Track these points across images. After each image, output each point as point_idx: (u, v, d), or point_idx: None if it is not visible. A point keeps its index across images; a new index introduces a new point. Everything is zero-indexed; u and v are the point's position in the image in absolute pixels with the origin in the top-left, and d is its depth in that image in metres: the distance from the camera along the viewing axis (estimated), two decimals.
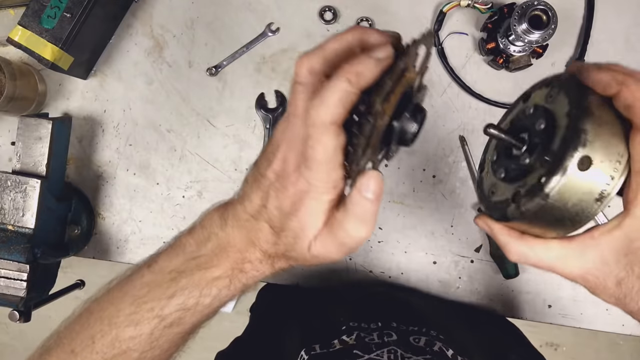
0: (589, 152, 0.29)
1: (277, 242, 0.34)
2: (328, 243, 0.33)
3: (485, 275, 0.71)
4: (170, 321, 0.37)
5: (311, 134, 0.29)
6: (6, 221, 0.61)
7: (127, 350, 0.37)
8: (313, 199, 0.31)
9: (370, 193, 0.30)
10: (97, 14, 0.66)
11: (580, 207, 0.31)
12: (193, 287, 0.36)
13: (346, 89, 0.27)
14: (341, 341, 0.51)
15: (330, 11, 0.70)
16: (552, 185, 0.30)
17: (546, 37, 0.61)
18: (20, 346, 1.78)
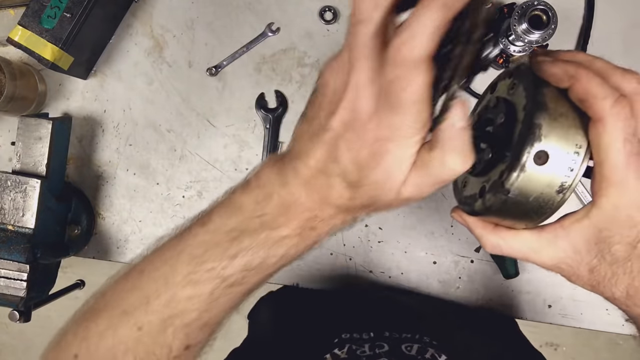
0: (544, 147, 0.30)
1: (354, 196, 0.32)
2: (423, 183, 0.31)
3: (485, 275, 0.71)
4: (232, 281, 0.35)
5: (402, 74, 0.26)
6: (6, 221, 0.61)
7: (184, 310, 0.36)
8: (400, 145, 0.29)
9: (463, 122, 0.29)
10: (97, 14, 0.66)
11: (543, 200, 0.31)
12: (258, 247, 0.34)
13: (443, 16, 0.25)
14: (333, 355, 0.50)
15: (330, 11, 0.70)
16: (511, 181, 0.31)
17: (546, 37, 0.61)
18: (20, 346, 1.78)
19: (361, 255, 0.72)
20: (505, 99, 0.35)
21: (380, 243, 0.72)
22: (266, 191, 0.34)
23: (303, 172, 0.32)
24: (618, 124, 0.28)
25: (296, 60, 0.72)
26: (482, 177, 0.35)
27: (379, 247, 0.72)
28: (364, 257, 0.72)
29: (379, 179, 0.30)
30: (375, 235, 0.72)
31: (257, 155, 0.72)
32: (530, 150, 0.30)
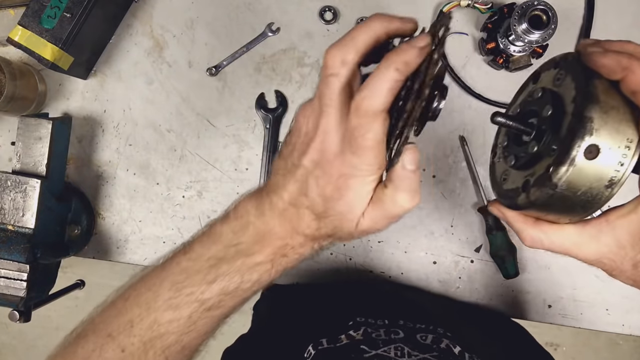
0: (595, 141, 0.29)
1: (319, 226, 0.36)
2: (377, 217, 0.34)
3: (485, 275, 0.71)
4: (210, 305, 0.38)
5: (362, 123, 0.30)
6: (6, 221, 0.61)
7: (165, 333, 0.38)
8: (360, 182, 0.33)
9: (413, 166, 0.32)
10: (97, 14, 0.66)
11: (590, 194, 0.31)
12: (234, 272, 0.37)
13: (396, 78, 0.30)
14: (348, 336, 0.51)
15: (330, 11, 0.70)
16: (559, 175, 0.30)
17: (546, 37, 0.61)
18: (20, 346, 1.78)
19: (361, 255, 0.72)
20: (551, 90, 0.34)
21: (380, 243, 0.72)
22: (243, 222, 0.38)
23: (278, 204, 0.36)
24: None
25: (296, 60, 0.72)
26: (525, 171, 0.34)
27: (379, 247, 0.72)
28: (364, 257, 0.72)
29: (342, 210, 0.34)
30: (375, 235, 0.72)
31: (257, 155, 0.72)
32: (580, 144, 0.29)
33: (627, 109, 0.30)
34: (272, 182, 0.37)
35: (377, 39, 0.32)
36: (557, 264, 0.70)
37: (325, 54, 0.32)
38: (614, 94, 0.30)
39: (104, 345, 0.39)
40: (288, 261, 0.38)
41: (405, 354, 0.47)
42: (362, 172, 0.33)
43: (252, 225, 0.38)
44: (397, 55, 0.30)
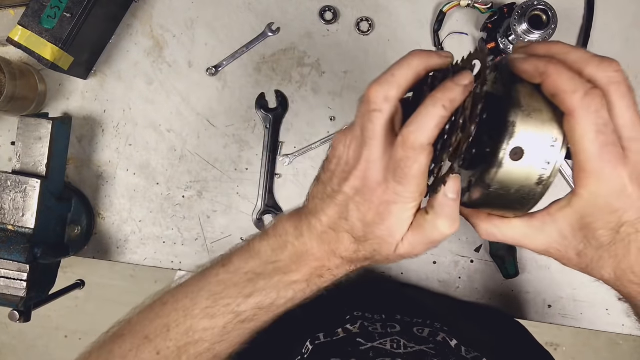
0: (519, 143, 0.31)
1: (358, 249, 0.38)
2: (416, 241, 0.36)
3: (485, 275, 0.71)
4: (244, 317, 0.40)
5: (408, 156, 0.32)
6: (6, 221, 0.61)
7: (199, 340, 0.40)
8: (402, 208, 0.35)
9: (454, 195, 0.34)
10: (97, 14, 0.66)
11: (524, 192, 0.32)
12: (271, 288, 0.39)
13: (442, 114, 0.31)
14: (345, 330, 0.52)
15: (330, 11, 0.70)
16: (490, 176, 0.32)
17: (546, 37, 0.61)
18: (20, 346, 1.78)
19: None
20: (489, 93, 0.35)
21: None
22: (282, 241, 0.40)
23: (317, 227, 0.38)
24: (589, 117, 0.29)
25: (296, 60, 0.72)
26: (470, 171, 0.36)
27: None
28: None
29: (382, 234, 0.36)
30: None
31: (257, 155, 0.72)
32: (505, 147, 0.31)
33: (551, 110, 0.31)
34: (310, 205, 0.39)
35: (417, 75, 0.34)
36: (557, 264, 0.70)
37: (368, 90, 0.33)
38: (538, 97, 0.31)
39: (140, 347, 0.41)
40: (323, 281, 0.40)
41: (401, 346, 0.48)
42: (405, 199, 0.34)
43: (291, 245, 0.39)
44: (443, 93, 0.31)
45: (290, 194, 0.72)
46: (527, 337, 0.70)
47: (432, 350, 0.47)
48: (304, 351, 0.49)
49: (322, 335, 0.51)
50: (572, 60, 0.31)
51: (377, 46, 0.71)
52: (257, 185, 0.72)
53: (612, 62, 0.31)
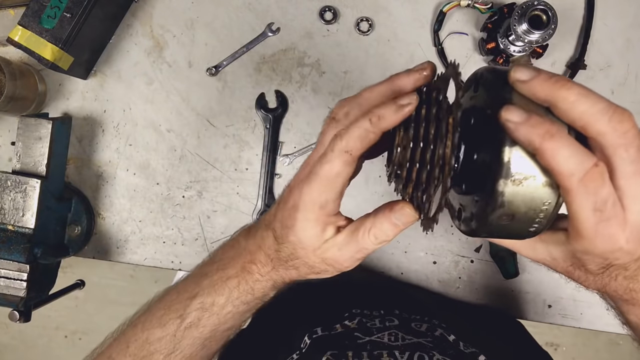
0: (508, 211, 0.29)
1: (279, 249, 0.38)
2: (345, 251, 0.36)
3: (485, 275, 0.71)
4: (189, 321, 0.41)
5: (326, 154, 0.33)
6: (6, 221, 0.61)
7: (154, 352, 0.41)
8: (302, 217, 0.35)
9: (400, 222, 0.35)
10: (97, 14, 0.66)
11: (514, 237, 0.32)
12: (211, 286, 0.41)
13: (366, 127, 0.31)
14: (343, 325, 0.52)
15: (330, 11, 0.70)
16: (478, 228, 0.31)
17: (546, 37, 0.61)
18: (20, 346, 1.78)
19: None
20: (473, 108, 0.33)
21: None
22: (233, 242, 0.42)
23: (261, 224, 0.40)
24: (586, 197, 0.27)
25: (296, 60, 0.72)
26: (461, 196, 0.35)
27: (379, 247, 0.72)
28: None
29: (293, 240, 0.36)
30: None
31: (257, 155, 0.72)
32: (493, 213, 0.29)
33: (545, 175, 0.28)
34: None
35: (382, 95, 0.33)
36: None
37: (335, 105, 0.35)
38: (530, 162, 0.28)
39: None
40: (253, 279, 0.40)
41: (399, 338, 0.48)
42: (304, 205, 0.34)
43: (237, 244, 0.41)
44: (377, 108, 0.31)
45: None
46: (526, 337, 0.70)
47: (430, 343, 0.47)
48: (302, 346, 0.50)
49: (319, 330, 0.51)
50: (577, 114, 0.27)
51: (377, 46, 0.71)
52: (257, 185, 0.72)
53: (625, 118, 0.27)
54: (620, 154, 0.27)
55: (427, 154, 0.30)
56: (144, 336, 0.42)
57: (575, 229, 0.30)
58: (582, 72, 0.69)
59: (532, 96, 0.28)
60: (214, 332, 0.42)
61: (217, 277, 0.41)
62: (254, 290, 0.40)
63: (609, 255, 0.30)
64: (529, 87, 0.28)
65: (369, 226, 0.35)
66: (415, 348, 0.45)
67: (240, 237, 0.42)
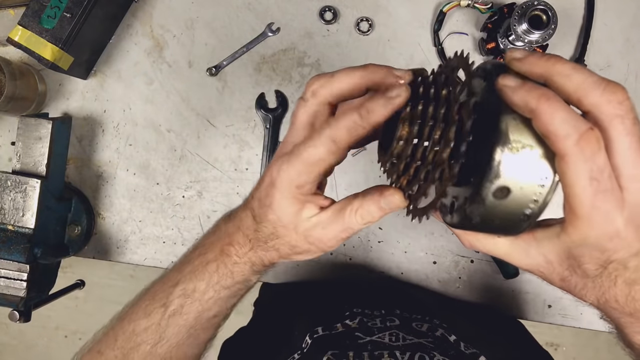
0: (504, 182, 0.28)
1: (257, 229, 0.37)
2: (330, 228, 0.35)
3: (485, 275, 0.71)
4: (173, 309, 0.41)
5: (312, 137, 0.32)
6: (6, 221, 0.61)
7: (141, 343, 0.41)
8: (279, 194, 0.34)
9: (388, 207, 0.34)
10: (97, 14, 0.66)
11: (508, 224, 0.30)
12: (192, 272, 0.41)
13: (355, 120, 0.31)
14: (344, 325, 0.52)
15: (330, 11, 0.70)
16: (472, 210, 0.30)
17: (546, 37, 0.61)
18: (20, 346, 1.78)
19: (361, 255, 0.72)
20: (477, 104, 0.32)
21: (380, 243, 0.72)
22: (214, 227, 0.42)
23: (240, 207, 0.40)
24: (583, 163, 0.26)
25: (296, 60, 0.72)
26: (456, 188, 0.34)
27: (379, 247, 0.72)
28: (364, 257, 0.72)
29: (272, 218, 0.36)
30: (375, 235, 0.72)
31: (257, 155, 0.72)
32: (489, 186, 0.28)
33: (543, 146, 0.28)
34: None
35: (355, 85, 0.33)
36: None
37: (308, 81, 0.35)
38: (528, 131, 0.28)
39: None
40: (231, 263, 0.39)
41: (399, 338, 0.48)
42: (282, 183, 0.34)
43: (218, 229, 0.41)
44: (368, 101, 0.31)
45: None
46: (526, 337, 0.70)
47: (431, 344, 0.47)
48: (304, 346, 0.50)
49: (320, 329, 0.51)
50: (572, 86, 0.27)
51: (377, 46, 0.71)
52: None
53: (618, 90, 0.27)
54: (616, 126, 0.27)
55: (430, 155, 0.29)
56: (130, 328, 0.42)
57: (571, 208, 0.28)
58: None
59: (528, 72, 0.28)
60: (198, 319, 0.41)
61: (198, 262, 0.41)
62: (233, 273, 0.40)
63: (607, 243, 0.29)
64: (525, 63, 0.28)
65: (356, 206, 0.34)
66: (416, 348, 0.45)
67: (221, 221, 0.41)
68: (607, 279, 0.31)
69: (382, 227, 0.72)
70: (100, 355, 0.43)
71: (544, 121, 0.26)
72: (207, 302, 0.41)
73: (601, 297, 0.32)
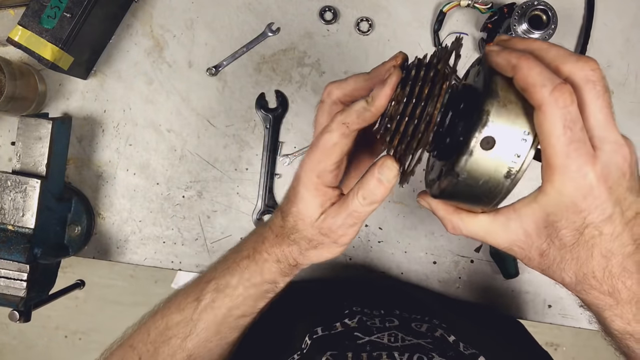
0: (491, 132, 0.30)
1: (283, 224, 0.40)
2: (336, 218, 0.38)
3: (485, 275, 0.71)
4: (205, 303, 0.43)
5: (327, 126, 0.36)
6: (6, 221, 0.61)
7: (171, 337, 0.43)
8: (302, 187, 0.38)
9: (384, 177, 0.35)
10: (97, 14, 0.66)
11: (491, 184, 0.32)
12: (225, 269, 0.44)
13: (363, 105, 0.34)
14: (343, 324, 0.52)
15: (330, 11, 0.70)
16: (460, 165, 0.32)
17: (546, 37, 0.61)
18: (20, 346, 1.78)
19: (361, 255, 0.72)
20: (469, 85, 0.36)
21: (380, 243, 0.72)
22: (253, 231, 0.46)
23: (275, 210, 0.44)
24: (557, 111, 0.28)
25: (296, 60, 0.72)
26: (443, 161, 0.36)
27: (379, 247, 0.72)
28: (364, 258, 0.72)
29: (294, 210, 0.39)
30: (375, 235, 0.72)
31: (257, 155, 0.72)
32: (478, 135, 0.31)
33: (525, 104, 0.30)
34: None
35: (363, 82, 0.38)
36: None
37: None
38: (513, 90, 0.31)
39: (125, 355, 0.45)
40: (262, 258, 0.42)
41: (398, 339, 0.48)
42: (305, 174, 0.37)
43: (255, 231, 0.45)
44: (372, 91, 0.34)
45: None
46: (526, 337, 0.70)
47: (430, 345, 0.47)
48: (303, 346, 0.50)
49: (320, 329, 0.51)
50: (550, 57, 0.31)
51: (377, 46, 0.71)
52: (257, 185, 0.72)
53: (590, 60, 0.30)
54: (589, 90, 0.30)
55: (418, 109, 0.32)
56: (163, 323, 0.44)
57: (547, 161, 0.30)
58: None
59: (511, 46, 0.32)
60: (227, 316, 0.43)
61: (232, 260, 0.44)
62: (262, 271, 0.42)
63: (581, 201, 0.30)
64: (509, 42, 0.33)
65: (356, 189, 0.36)
66: (414, 349, 0.45)
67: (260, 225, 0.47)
68: (584, 248, 0.32)
69: (382, 227, 0.72)
70: (133, 349, 0.44)
71: (523, 74, 0.29)
72: (237, 299, 0.43)
73: (579, 271, 0.33)
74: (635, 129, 0.69)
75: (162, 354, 0.43)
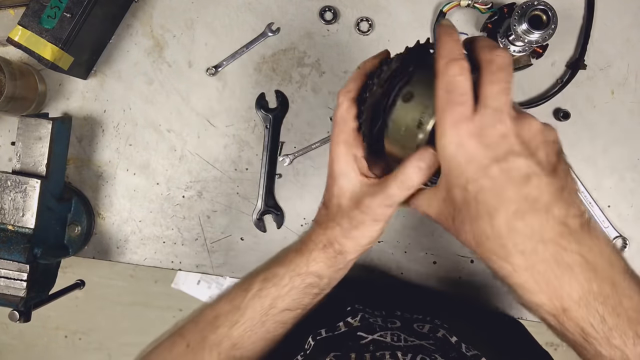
0: (412, 88, 0.38)
1: (327, 212, 0.45)
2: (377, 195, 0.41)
3: (485, 275, 0.71)
4: (253, 292, 0.46)
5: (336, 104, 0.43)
6: (6, 221, 0.61)
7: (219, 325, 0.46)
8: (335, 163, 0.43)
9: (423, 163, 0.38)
10: (97, 14, 0.66)
11: (409, 133, 0.38)
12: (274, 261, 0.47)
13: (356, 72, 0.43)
14: (346, 323, 0.53)
15: (330, 11, 0.70)
16: (387, 115, 0.39)
17: (546, 37, 0.61)
18: (20, 346, 1.78)
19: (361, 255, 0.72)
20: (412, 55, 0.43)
21: (380, 243, 0.72)
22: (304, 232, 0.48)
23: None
24: (444, 78, 0.34)
25: (296, 60, 0.72)
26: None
27: (379, 247, 0.72)
28: (363, 257, 0.72)
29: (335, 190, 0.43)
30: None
31: (257, 155, 0.72)
32: (402, 90, 0.38)
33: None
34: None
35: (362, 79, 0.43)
36: None
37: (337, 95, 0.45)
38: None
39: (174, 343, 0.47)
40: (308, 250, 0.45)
41: (401, 339, 0.48)
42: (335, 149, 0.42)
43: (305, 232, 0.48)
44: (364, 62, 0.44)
45: (290, 194, 0.72)
46: (526, 337, 0.70)
47: (432, 346, 0.47)
48: (307, 347, 0.50)
49: (323, 331, 0.52)
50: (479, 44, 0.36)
51: (377, 46, 0.71)
52: (257, 185, 0.72)
53: (502, 51, 0.35)
54: (486, 67, 0.35)
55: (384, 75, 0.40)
56: (213, 313, 0.47)
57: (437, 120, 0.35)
58: (582, 72, 0.69)
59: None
60: (272, 306, 0.45)
61: (281, 254, 0.47)
62: (308, 261, 0.45)
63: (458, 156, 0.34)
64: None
65: (395, 173, 0.40)
66: (417, 350, 0.45)
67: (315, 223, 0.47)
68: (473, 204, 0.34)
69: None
70: (183, 338, 0.47)
71: (437, 45, 0.36)
72: (283, 289, 0.45)
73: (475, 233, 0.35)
74: (635, 129, 0.69)
75: (209, 341, 0.45)
